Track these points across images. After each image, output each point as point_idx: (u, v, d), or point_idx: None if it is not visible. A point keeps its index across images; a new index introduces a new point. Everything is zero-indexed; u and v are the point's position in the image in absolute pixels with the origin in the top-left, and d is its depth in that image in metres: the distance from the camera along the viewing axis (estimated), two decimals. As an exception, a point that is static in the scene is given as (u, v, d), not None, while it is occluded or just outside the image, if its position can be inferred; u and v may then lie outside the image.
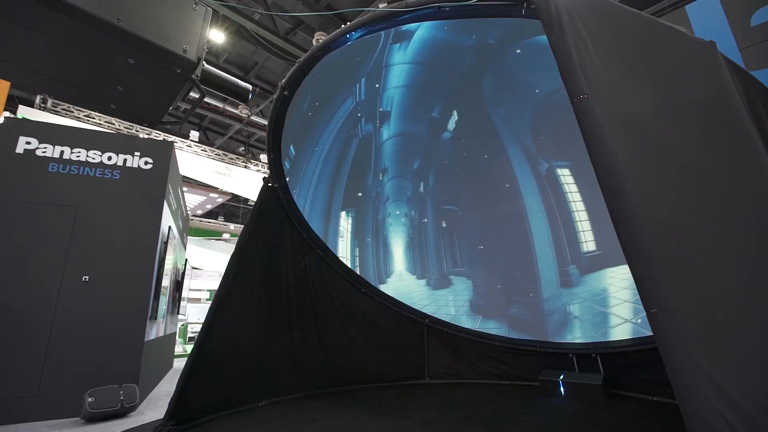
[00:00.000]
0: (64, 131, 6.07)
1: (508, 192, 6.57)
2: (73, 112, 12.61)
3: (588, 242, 5.90)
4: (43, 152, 5.45)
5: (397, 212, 7.28)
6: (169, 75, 2.07)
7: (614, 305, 5.47)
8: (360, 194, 7.05)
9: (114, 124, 13.36)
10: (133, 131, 13.36)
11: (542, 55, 5.49)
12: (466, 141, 6.76)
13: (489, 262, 6.90)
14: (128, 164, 5.86)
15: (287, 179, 5.43)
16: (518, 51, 5.48)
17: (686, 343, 1.25)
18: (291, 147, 5.37)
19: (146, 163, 5.96)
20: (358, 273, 6.74)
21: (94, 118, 12.96)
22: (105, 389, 4.65)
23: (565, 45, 1.75)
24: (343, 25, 3.82)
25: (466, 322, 6.65)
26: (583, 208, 5.91)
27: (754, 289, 1.48)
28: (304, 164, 6.01)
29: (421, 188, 7.23)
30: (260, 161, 16.41)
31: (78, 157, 5.60)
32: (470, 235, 7.08)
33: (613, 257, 5.56)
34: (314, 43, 10.65)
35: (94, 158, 5.69)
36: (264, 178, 5.21)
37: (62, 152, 5.54)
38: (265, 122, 16.28)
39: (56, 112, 12.24)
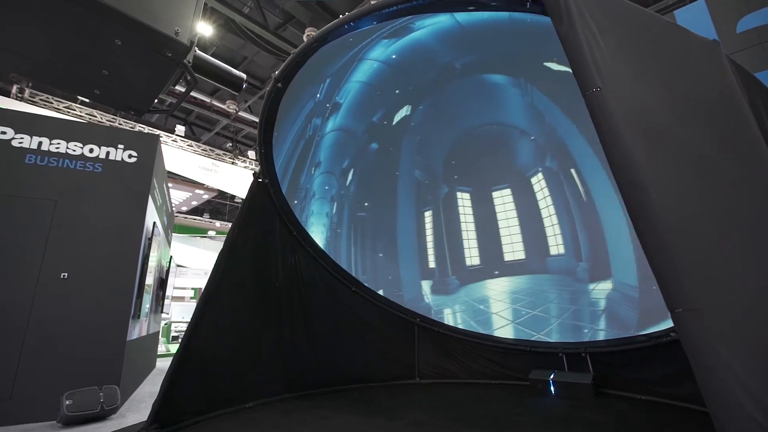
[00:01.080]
0: (42, 121, 5.81)
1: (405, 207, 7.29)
2: (52, 103, 12.15)
3: (473, 257, 7.15)
4: (20, 143, 5.20)
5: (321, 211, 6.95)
6: (159, 59, 1.94)
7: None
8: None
9: (96, 116, 12.94)
10: (116, 125, 12.97)
11: (492, 95, 6.23)
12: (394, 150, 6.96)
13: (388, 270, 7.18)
14: (111, 157, 5.63)
15: (278, 175, 5.30)
16: (470, 84, 6.01)
17: (713, 343, 1.22)
18: (282, 142, 5.23)
19: (130, 156, 5.75)
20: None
21: (74, 110, 12.53)
22: (84, 391, 4.45)
23: (576, 37, 1.71)
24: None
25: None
26: (473, 228, 7.19)
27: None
28: (293, 159, 5.87)
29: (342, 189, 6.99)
30: (248, 158, 16.15)
31: (57, 148, 5.36)
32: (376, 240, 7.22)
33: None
34: (305, 38, 10.50)
35: (74, 150, 5.46)
36: (254, 174, 5.07)
37: (40, 143, 5.29)
38: (254, 118, 16.16)
39: (34, 103, 11.78)
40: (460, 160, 7.15)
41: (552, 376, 5.21)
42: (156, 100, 2.39)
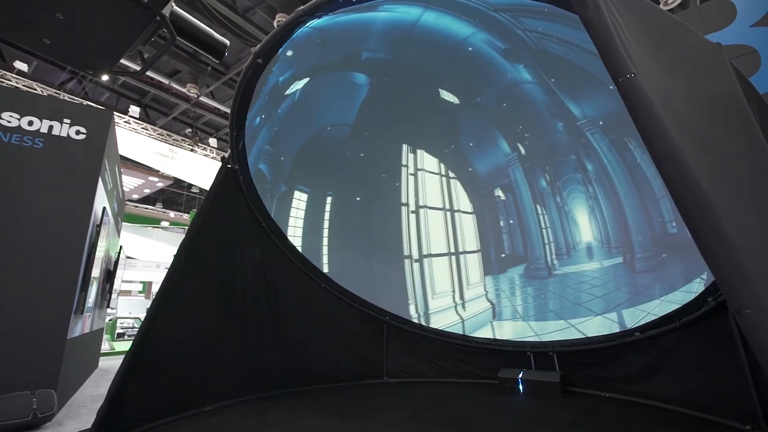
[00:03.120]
0: (-30, 87, 5.06)
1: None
2: (-19, 70, 10.79)
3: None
4: (-59, 109, 4.48)
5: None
6: (131, 7, 1.61)
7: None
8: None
9: (36, 90, 11.65)
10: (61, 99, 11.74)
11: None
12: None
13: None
14: (54, 132, 5.01)
15: (248, 161, 4.93)
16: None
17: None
18: (255, 125, 4.86)
19: (78, 132, 5.14)
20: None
21: (8, 80, 11.20)
22: (13, 396, 3.90)
23: (603, 22, 1.63)
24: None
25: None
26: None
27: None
28: (264, 144, 5.49)
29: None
30: (209, 145, 15.25)
31: (-12, 118, 4.68)
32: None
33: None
34: (275, 24, 10.03)
35: (9, 122, 4.80)
36: (222, 158, 4.69)
37: (-34, 111, 4.60)
38: (216, 105, 15.28)
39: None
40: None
41: (521, 375, 5.27)
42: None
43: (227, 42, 2.21)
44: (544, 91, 5.89)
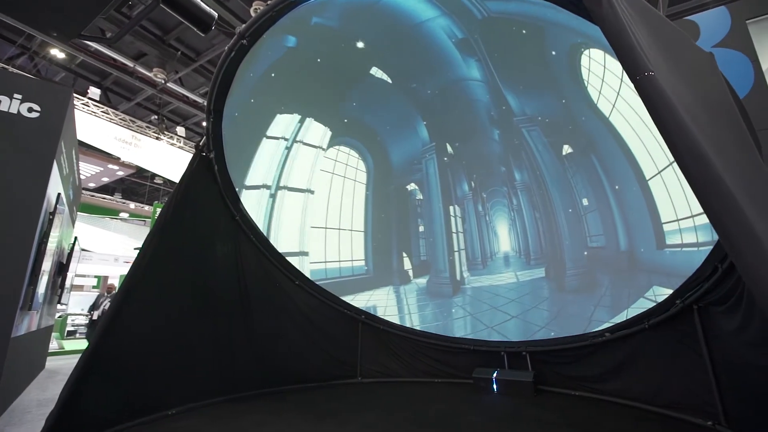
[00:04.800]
0: None
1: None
2: None
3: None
4: None
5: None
6: None
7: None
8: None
9: (-20, 63, 10.62)
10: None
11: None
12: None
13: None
14: (3, 108, 4.53)
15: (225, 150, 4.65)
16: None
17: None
18: (233, 111, 4.57)
19: (31, 110, 4.68)
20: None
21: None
22: (-55, 401, 3.47)
23: (618, 17, 1.62)
24: None
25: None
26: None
27: None
28: (241, 132, 5.18)
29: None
30: (176, 134, 14.49)
31: None
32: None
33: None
34: (252, 13, 9.65)
35: (-51, 94, 4.29)
36: (197, 145, 4.40)
37: None
38: (184, 92, 14.53)
39: None
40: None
41: (495, 375, 5.32)
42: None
43: (215, 14, 2.02)
44: (488, 92, 5.86)
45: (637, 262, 5.08)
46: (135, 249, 14.68)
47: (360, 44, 5.45)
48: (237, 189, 5.09)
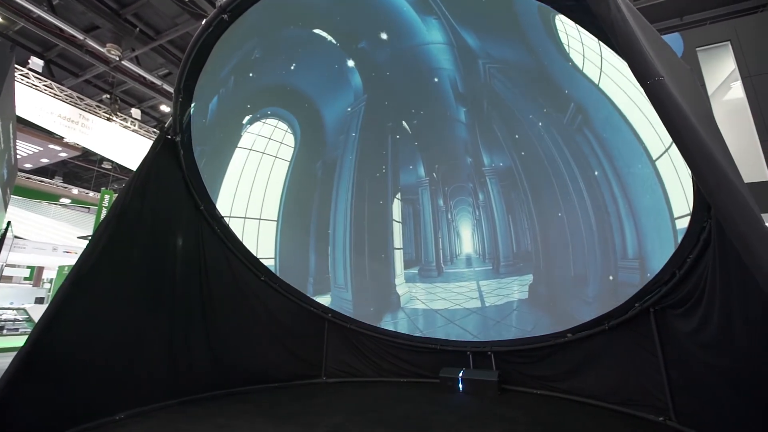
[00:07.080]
0: None
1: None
2: None
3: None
4: None
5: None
6: None
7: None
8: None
9: None
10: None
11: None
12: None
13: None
14: (-73, 70, 3.95)
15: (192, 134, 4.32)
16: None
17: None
18: (204, 93, 4.23)
19: (-38, 74, 4.11)
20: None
21: None
22: None
23: (626, 24, 1.63)
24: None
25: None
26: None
27: None
28: (211, 117, 4.83)
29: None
30: (130, 116, 13.45)
31: None
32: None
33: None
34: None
35: None
36: (161, 128, 4.05)
37: None
38: (141, 72, 13.54)
39: None
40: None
41: (461, 374, 5.37)
42: None
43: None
44: (450, 54, 5.35)
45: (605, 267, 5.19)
46: (79, 238, 13.46)
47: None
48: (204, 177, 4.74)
